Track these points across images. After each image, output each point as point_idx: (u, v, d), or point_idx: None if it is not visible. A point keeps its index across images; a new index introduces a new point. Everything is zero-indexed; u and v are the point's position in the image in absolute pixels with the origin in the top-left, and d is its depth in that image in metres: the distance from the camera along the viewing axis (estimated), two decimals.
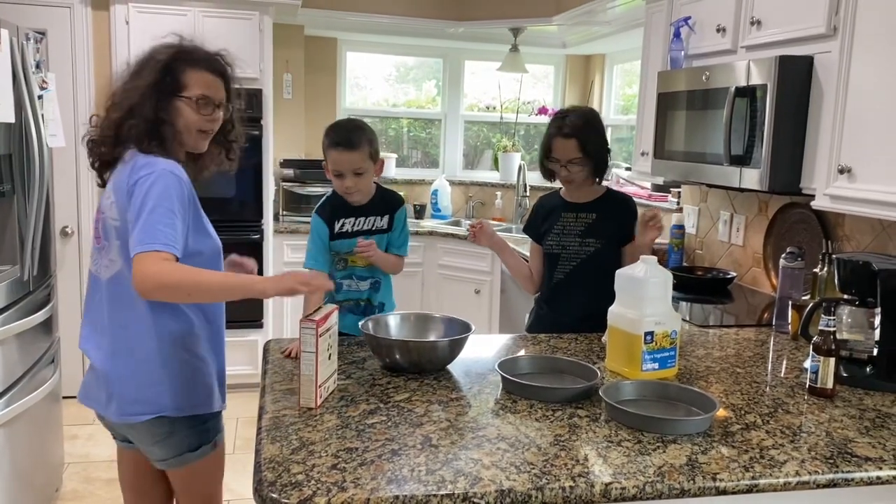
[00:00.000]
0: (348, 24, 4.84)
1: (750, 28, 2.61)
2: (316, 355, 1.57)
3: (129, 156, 1.80)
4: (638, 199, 4.08)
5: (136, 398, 1.78)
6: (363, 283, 2.41)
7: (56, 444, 3.11)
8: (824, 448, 1.49)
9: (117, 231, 1.77)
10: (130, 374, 1.78)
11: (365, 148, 2.23)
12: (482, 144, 5.78)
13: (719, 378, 1.92)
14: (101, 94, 4.05)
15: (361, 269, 2.39)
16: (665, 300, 1.89)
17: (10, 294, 2.61)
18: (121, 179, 1.76)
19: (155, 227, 1.64)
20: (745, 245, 3.20)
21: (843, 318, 1.95)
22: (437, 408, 1.63)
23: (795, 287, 2.41)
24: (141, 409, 1.78)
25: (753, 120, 2.44)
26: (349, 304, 2.40)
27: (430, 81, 5.63)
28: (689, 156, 2.82)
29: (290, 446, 1.42)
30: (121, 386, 1.79)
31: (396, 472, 1.32)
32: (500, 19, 4.78)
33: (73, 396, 4.11)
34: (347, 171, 2.24)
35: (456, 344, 1.88)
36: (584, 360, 1.96)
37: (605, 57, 5.35)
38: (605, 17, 4.25)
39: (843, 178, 2.16)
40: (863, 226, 2.54)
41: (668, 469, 1.37)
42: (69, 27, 3.97)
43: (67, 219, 4.10)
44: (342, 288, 2.38)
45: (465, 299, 4.55)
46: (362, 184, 2.28)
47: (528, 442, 1.47)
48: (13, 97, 2.56)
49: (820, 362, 1.78)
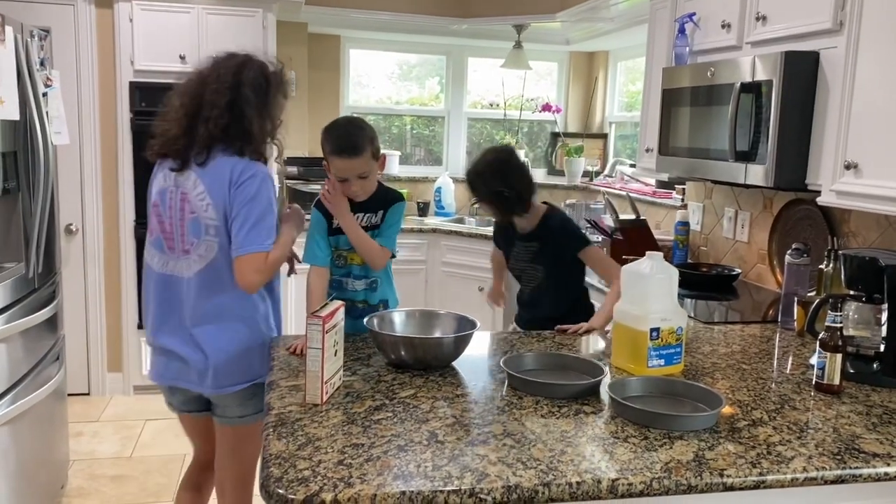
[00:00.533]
0: (351, 21, 4.84)
1: (755, 24, 2.60)
2: (322, 352, 1.57)
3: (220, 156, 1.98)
4: (642, 196, 4.08)
5: (232, 371, 2.03)
6: (358, 282, 2.32)
7: (61, 441, 3.12)
8: (832, 444, 1.49)
9: (216, 229, 1.97)
10: (224, 351, 2.01)
11: (367, 150, 2.18)
12: (485, 142, 5.78)
13: (725, 374, 1.91)
14: (105, 90, 4.06)
15: (358, 268, 2.31)
16: (671, 296, 1.89)
17: (15, 291, 2.61)
18: (219, 181, 1.95)
19: (260, 230, 1.93)
20: (750, 241, 3.19)
21: (849, 314, 1.94)
22: (442, 404, 1.63)
23: (801, 283, 2.40)
24: (237, 379, 2.04)
25: (759, 116, 2.44)
26: (348, 305, 2.34)
27: (434, 79, 5.63)
28: (694, 152, 2.81)
29: (296, 442, 1.42)
30: (216, 363, 2.01)
31: (403, 468, 1.32)
32: (504, 16, 4.77)
33: (79, 393, 4.16)
34: (353, 177, 2.20)
35: (461, 340, 1.88)
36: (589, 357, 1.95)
37: (609, 54, 5.34)
38: (609, 13, 4.24)
39: (850, 174, 2.15)
40: (869, 222, 2.53)
41: (675, 465, 1.37)
42: (73, 25, 3.96)
43: (71, 216, 4.10)
44: (340, 286, 2.33)
45: (469, 297, 4.55)
46: (368, 185, 2.24)
47: (534, 438, 1.46)
48: (18, 94, 2.56)
49: (826, 358, 1.78)
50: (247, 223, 1.92)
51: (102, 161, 4.11)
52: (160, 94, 4.02)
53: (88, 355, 4.23)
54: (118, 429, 3.83)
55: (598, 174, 5.10)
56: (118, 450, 3.59)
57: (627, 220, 3.46)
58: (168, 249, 2.05)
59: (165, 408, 2.30)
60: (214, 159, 1.97)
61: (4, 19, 2.42)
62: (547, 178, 5.45)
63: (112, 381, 4.27)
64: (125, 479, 3.31)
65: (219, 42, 4.07)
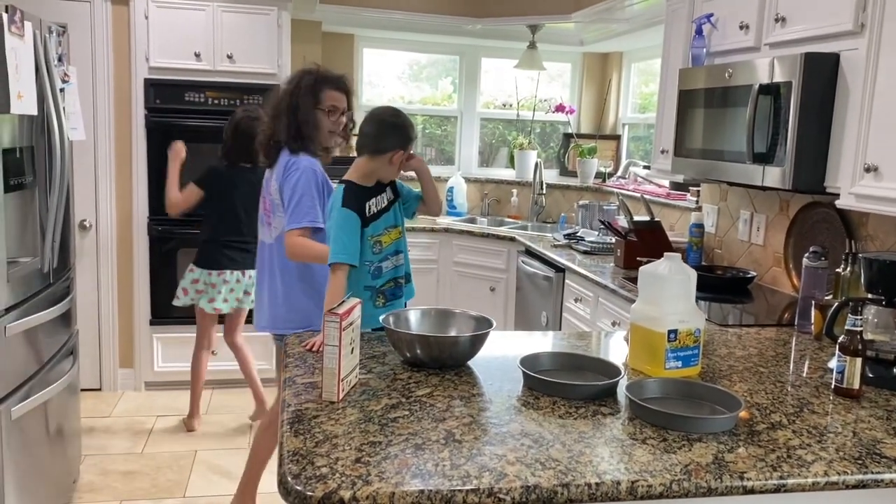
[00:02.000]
0: (365, 20, 4.84)
1: (774, 25, 2.59)
2: (339, 349, 1.57)
3: (282, 153, 2.56)
4: (655, 198, 4.07)
5: (289, 318, 2.58)
6: (396, 257, 2.37)
7: (73, 436, 3.13)
8: (852, 448, 1.48)
9: (279, 207, 2.54)
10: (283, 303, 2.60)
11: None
12: (498, 142, 5.77)
13: (742, 377, 1.90)
14: (120, 87, 4.07)
15: (392, 248, 2.35)
16: (688, 298, 1.87)
17: (30, 286, 2.62)
18: (277, 172, 2.55)
19: (299, 211, 2.45)
20: (766, 244, 3.17)
21: (869, 318, 1.93)
22: (458, 403, 1.63)
23: (818, 287, 2.39)
24: (294, 325, 2.49)
25: (777, 118, 2.42)
26: (390, 287, 2.35)
27: (447, 78, 5.62)
28: (710, 153, 2.80)
29: (313, 439, 1.42)
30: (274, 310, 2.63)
31: (420, 467, 1.31)
32: (519, 16, 4.76)
33: (90, 389, 4.18)
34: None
35: (477, 339, 1.87)
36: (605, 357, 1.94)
37: (623, 55, 5.33)
38: (624, 14, 4.23)
39: (870, 177, 2.14)
40: (887, 225, 2.51)
41: (695, 467, 1.35)
42: (89, 22, 3.98)
43: (86, 212, 4.12)
44: (382, 272, 2.33)
45: (481, 297, 4.54)
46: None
47: (552, 438, 1.46)
48: (36, 90, 2.57)
49: (846, 362, 1.76)
50: (289, 207, 2.46)
51: (116, 157, 4.13)
52: (175, 91, 4.12)
53: (100, 351, 4.25)
54: (129, 424, 3.84)
55: (611, 175, 5.08)
56: (129, 445, 3.61)
57: (642, 221, 3.45)
58: (265, 224, 2.66)
59: (177, 404, 2.32)
60: (280, 155, 2.56)
61: (24, 15, 2.43)
62: (559, 178, 5.44)
63: (124, 377, 4.29)
64: (136, 474, 3.32)
65: (234, 40, 4.09)
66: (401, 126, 2.27)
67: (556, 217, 5.13)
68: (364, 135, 2.28)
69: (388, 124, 2.26)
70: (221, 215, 3.66)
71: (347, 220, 2.21)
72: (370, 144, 2.26)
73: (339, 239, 2.19)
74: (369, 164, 2.27)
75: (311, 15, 4.64)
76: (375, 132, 2.26)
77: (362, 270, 2.27)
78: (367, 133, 2.27)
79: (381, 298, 2.35)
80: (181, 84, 4.08)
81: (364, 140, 2.27)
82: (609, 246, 3.82)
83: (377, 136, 2.25)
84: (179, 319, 4.09)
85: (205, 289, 3.67)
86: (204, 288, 3.68)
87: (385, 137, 2.25)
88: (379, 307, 2.31)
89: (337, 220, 2.21)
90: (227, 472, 3.39)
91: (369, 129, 2.27)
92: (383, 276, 2.34)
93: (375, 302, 2.33)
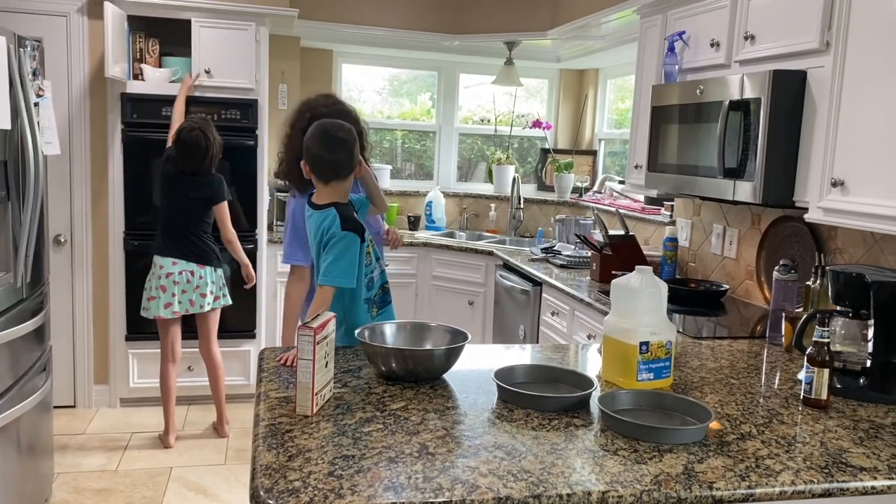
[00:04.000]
0: (344, 36, 4.86)
1: (744, 43, 2.64)
2: (313, 363, 1.57)
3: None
4: (631, 212, 4.11)
5: None
6: (378, 264, 2.42)
7: (46, 453, 3.09)
8: (819, 458, 1.50)
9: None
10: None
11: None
12: (476, 157, 5.81)
13: (714, 389, 1.92)
14: (96, 102, 4.05)
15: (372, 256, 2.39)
16: (660, 311, 1.90)
17: (2, 301, 2.60)
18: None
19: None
20: (738, 258, 3.22)
21: (836, 329, 1.96)
22: (433, 416, 1.63)
23: (789, 299, 2.43)
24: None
25: (747, 133, 2.47)
26: (379, 295, 2.39)
27: (425, 94, 5.66)
28: (683, 169, 2.84)
29: (286, 453, 1.42)
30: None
31: (393, 480, 1.32)
32: (496, 33, 4.81)
33: (64, 406, 4.13)
34: None
35: (452, 352, 1.88)
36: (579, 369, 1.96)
37: (599, 71, 5.40)
38: (600, 31, 4.29)
39: (836, 191, 2.18)
40: (855, 238, 2.56)
41: (665, 478, 1.37)
42: (65, 36, 3.97)
43: (61, 227, 4.08)
44: (374, 282, 2.36)
45: (459, 310, 4.55)
46: None
47: (524, 450, 1.47)
48: (10, 104, 2.55)
49: (814, 373, 1.79)
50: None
51: (92, 172, 4.10)
52: (152, 105, 4.10)
53: (75, 367, 4.20)
54: (104, 441, 3.80)
55: (588, 190, 5.13)
56: (104, 463, 3.56)
57: (616, 235, 3.48)
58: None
59: (152, 420, 2.29)
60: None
61: None
62: (537, 193, 5.48)
63: (98, 394, 4.24)
64: (110, 492, 3.28)
65: (212, 55, 4.09)
66: (354, 140, 2.26)
67: (533, 231, 5.16)
68: (328, 164, 2.21)
69: (349, 143, 2.23)
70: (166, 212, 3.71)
71: (352, 244, 2.18)
72: (345, 167, 2.22)
73: (339, 264, 2.16)
74: (344, 185, 2.24)
75: (289, 31, 4.66)
76: (338, 160, 2.20)
77: (359, 285, 2.28)
78: (331, 162, 2.20)
79: (375, 308, 2.38)
80: (158, 99, 4.07)
81: (330, 169, 2.21)
82: (585, 260, 3.85)
83: (346, 160, 2.21)
84: (156, 335, 4.06)
85: (157, 295, 3.63)
86: (156, 294, 3.63)
87: (352, 157, 2.24)
88: (375, 316, 2.35)
89: (337, 245, 2.17)
90: (202, 488, 3.36)
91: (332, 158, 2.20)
92: (375, 286, 2.38)
93: (372, 312, 2.36)
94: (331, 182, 2.22)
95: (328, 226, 2.18)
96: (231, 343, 4.24)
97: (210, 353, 3.82)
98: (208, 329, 3.81)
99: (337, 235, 2.17)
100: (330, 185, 2.23)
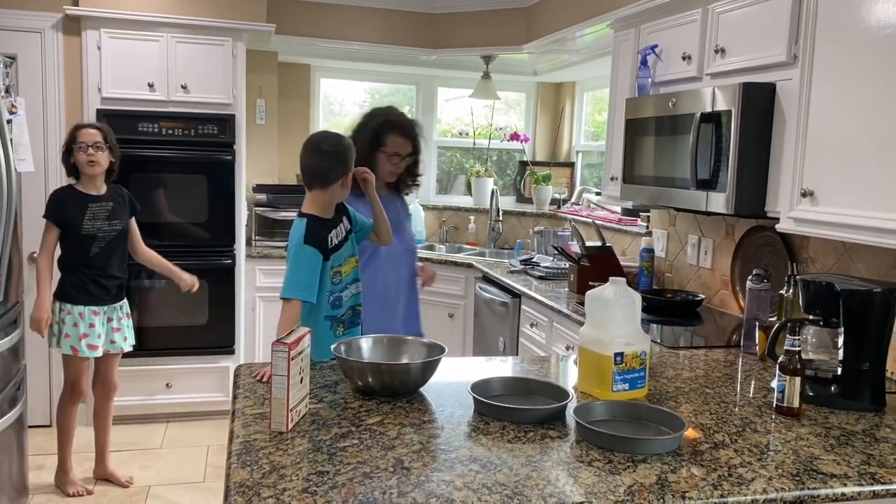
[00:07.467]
0: (322, 50, 4.87)
1: (715, 56, 2.68)
2: (287, 379, 1.57)
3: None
4: (608, 223, 4.14)
5: None
6: (354, 285, 2.43)
7: (21, 473, 3.04)
8: (791, 465, 1.52)
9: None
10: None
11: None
12: (455, 170, 5.83)
13: (689, 398, 1.94)
14: (72, 118, 4.03)
15: (350, 277, 2.41)
16: (634, 321, 1.92)
17: None
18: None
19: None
20: (714, 268, 3.25)
21: (808, 338, 1.99)
22: (409, 430, 1.63)
23: (762, 308, 2.45)
24: None
25: (719, 145, 2.50)
26: (349, 315, 2.41)
27: (405, 107, 5.67)
28: (658, 180, 2.87)
29: (260, 470, 1.41)
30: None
31: (368, 495, 1.32)
32: (472, 47, 4.84)
33: (40, 425, 4.06)
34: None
35: (428, 366, 1.88)
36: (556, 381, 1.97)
37: (576, 84, 5.45)
38: (575, 45, 4.33)
39: (806, 202, 2.22)
40: (826, 248, 2.60)
41: (638, 488, 1.38)
42: (40, 52, 3.94)
43: (35, 245, 4.03)
44: (342, 301, 2.37)
45: (439, 323, 4.55)
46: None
47: (499, 463, 1.47)
48: None
49: (786, 382, 1.82)
50: None
51: None
52: (128, 121, 4.08)
53: (51, 386, 4.14)
54: (80, 461, 3.74)
55: (566, 202, 5.16)
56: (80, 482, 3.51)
57: (594, 246, 3.51)
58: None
59: (130, 438, 2.27)
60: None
61: None
62: (516, 205, 5.51)
63: None
64: None
65: (188, 70, 4.08)
66: (341, 152, 2.30)
67: (512, 243, 5.18)
68: (311, 171, 2.29)
69: (330, 154, 2.28)
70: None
71: (309, 257, 2.22)
72: (320, 178, 2.29)
73: (295, 275, 2.21)
74: (324, 195, 2.30)
75: (267, 45, 4.66)
76: (320, 166, 2.28)
77: (322, 301, 2.30)
78: (314, 168, 2.28)
79: (341, 327, 2.38)
80: (134, 115, 4.05)
81: (312, 175, 2.30)
82: (563, 271, 3.87)
83: (323, 169, 2.27)
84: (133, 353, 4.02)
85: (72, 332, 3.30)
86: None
87: (331, 168, 2.27)
88: (339, 335, 2.33)
89: (296, 256, 2.22)
90: None
91: (314, 164, 2.28)
92: (343, 306, 2.38)
93: (336, 331, 2.35)
94: (312, 189, 2.31)
95: (293, 237, 2.26)
96: (209, 359, 4.22)
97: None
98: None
99: (297, 247, 2.22)
100: (311, 193, 2.32)
